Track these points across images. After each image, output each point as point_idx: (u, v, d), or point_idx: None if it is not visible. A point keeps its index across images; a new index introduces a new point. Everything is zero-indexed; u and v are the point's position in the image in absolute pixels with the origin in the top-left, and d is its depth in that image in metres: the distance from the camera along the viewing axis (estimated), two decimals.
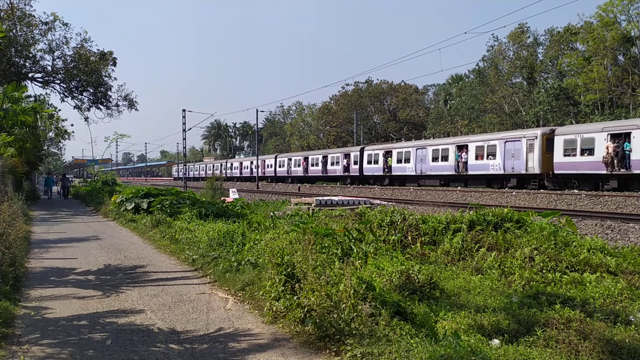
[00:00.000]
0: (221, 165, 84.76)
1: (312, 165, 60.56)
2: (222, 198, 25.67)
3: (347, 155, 54.47)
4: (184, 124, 51.92)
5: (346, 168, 54.57)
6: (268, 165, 69.69)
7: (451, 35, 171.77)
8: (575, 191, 29.56)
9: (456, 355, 4.11)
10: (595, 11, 47.57)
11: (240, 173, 77.59)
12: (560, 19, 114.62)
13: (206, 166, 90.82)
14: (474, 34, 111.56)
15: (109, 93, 37.39)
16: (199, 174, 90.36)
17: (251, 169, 72.63)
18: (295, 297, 5.87)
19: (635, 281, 7.29)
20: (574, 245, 8.67)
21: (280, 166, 67.12)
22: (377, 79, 72.81)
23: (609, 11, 45.06)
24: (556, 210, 17.73)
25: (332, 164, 56.63)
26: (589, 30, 46.17)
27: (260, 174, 67.20)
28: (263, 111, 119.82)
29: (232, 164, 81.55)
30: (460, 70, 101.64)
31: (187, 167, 68.76)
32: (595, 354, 4.78)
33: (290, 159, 65.54)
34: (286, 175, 65.84)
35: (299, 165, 62.64)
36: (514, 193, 30.15)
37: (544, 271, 7.72)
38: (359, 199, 23.93)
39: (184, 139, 53.61)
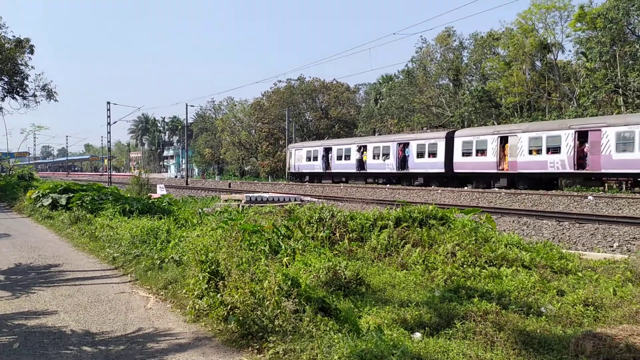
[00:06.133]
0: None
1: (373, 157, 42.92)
2: (149, 194, 24.85)
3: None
4: (109, 117, 49.88)
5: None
6: (309, 158, 50.18)
7: (381, 35, 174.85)
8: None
9: (377, 350, 4.15)
10: (515, 18, 49.95)
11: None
12: (484, 24, 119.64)
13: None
14: (402, 35, 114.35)
15: (25, 82, 35.29)
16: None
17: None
18: (218, 295, 5.73)
19: (547, 275, 7.69)
20: (492, 241, 9.02)
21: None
22: (309, 77, 73.47)
23: (527, 19, 47.48)
24: (477, 207, 18.43)
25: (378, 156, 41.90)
26: (510, 36, 48.41)
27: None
28: (193, 106, 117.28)
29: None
30: (390, 70, 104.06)
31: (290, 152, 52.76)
32: (509, 344, 4.97)
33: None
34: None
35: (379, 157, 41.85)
36: (440, 191, 31.16)
37: (464, 266, 7.99)
38: (290, 195, 23.89)
39: (109, 132, 51.51)
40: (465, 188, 32.99)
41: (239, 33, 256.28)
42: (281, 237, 9.04)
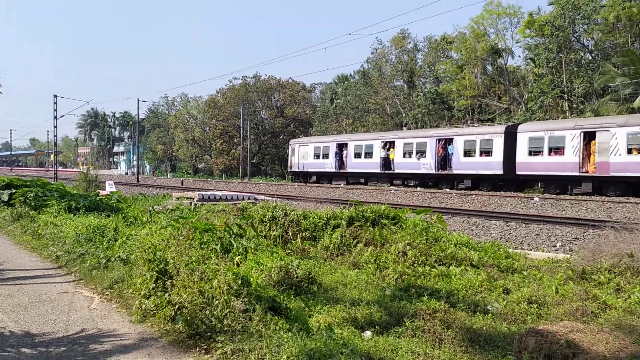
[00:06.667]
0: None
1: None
2: (98, 191, 24.14)
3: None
4: (56, 110, 48.16)
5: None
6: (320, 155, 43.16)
7: (337, 35, 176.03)
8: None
9: (326, 349, 4.14)
10: (468, 23, 51.16)
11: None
12: (438, 27, 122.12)
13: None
14: (358, 35, 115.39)
15: None
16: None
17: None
18: (166, 295, 5.60)
19: (494, 273, 7.90)
20: (443, 241, 9.20)
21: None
22: (265, 75, 72.74)
23: (479, 23, 48.76)
24: (429, 207, 18.77)
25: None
26: (463, 40, 49.57)
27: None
28: (145, 101, 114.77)
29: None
30: (345, 70, 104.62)
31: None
32: (457, 342, 5.07)
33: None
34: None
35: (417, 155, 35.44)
36: (393, 191, 31.56)
37: (415, 265, 8.10)
38: (243, 194, 23.67)
39: (55, 127, 49.70)
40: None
41: (194, 29, 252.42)
42: (233, 236, 8.93)
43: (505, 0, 48.43)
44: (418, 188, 33.37)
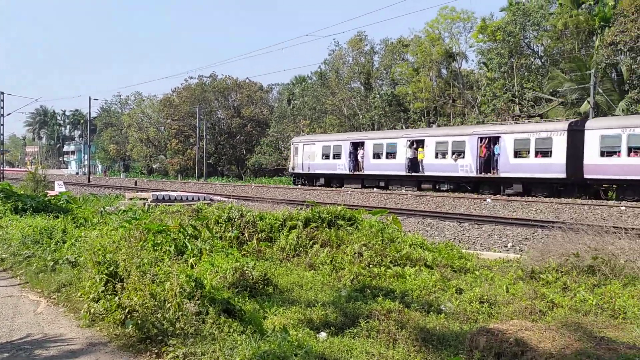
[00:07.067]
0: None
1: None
2: (46, 191, 23.33)
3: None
4: (2, 108, 46.34)
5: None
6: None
7: (294, 35, 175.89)
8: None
9: (280, 351, 4.11)
10: (423, 27, 52.07)
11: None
12: (394, 31, 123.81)
13: None
14: (315, 36, 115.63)
15: None
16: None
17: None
18: (116, 298, 5.44)
19: (448, 273, 8.04)
20: (398, 241, 9.30)
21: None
22: (222, 74, 72.02)
23: (435, 28, 49.72)
24: (385, 208, 18.98)
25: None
26: (418, 43, 50.41)
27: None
28: (97, 99, 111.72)
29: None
30: (303, 71, 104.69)
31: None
32: (410, 342, 5.13)
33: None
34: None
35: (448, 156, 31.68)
36: (350, 192, 31.75)
37: (370, 266, 8.16)
38: (199, 194, 23.32)
39: (2, 124, 47.82)
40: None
41: (149, 26, 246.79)
42: (188, 237, 8.77)
43: (459, 5, 49.62)
44: (456, 194, 29.16)
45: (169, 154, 71.66)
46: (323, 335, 5.29)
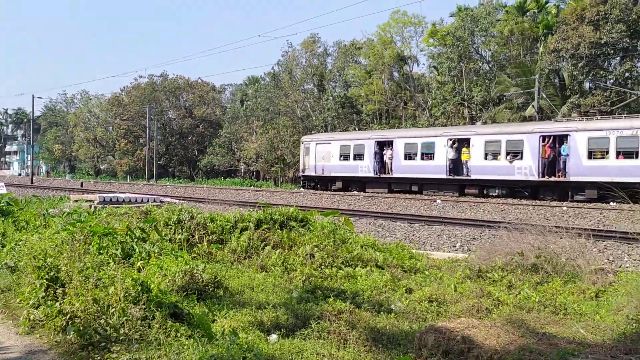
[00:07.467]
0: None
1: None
2: None
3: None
4: None
5: None
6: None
7: (246, 36, 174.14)
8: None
9: (228, 354, 4.05)
10: (375, 30, 52.75)
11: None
12: (347, 33, 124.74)
13: None
14: (268, 37, 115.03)
15: None
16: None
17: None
18: (57, 304, 5.23)
19: (398, 274, 8.15)
20: (350, 242, 9.36)
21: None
22: (173, 74, 70.76)
23: (387, 31, 50.43)
24: (337, 210, 19.06)
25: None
26: (371, 46, 51.02)
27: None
28: (41, 98, 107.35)
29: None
30: (256, 72, 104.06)
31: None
32: (361, 342, 5.16)
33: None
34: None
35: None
36: (302, 193, 31.77)
37: (322, 267, 8.18)
38: (148, 196, 22.77)
39: None
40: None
41: (97, 23, 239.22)
42: (135, 240, 8.53)
43: (410, 10, 50.27)
44: (514, 200, 25.54)
45: (117, 154, 69.78)
46: (274, 337, 5.25)
